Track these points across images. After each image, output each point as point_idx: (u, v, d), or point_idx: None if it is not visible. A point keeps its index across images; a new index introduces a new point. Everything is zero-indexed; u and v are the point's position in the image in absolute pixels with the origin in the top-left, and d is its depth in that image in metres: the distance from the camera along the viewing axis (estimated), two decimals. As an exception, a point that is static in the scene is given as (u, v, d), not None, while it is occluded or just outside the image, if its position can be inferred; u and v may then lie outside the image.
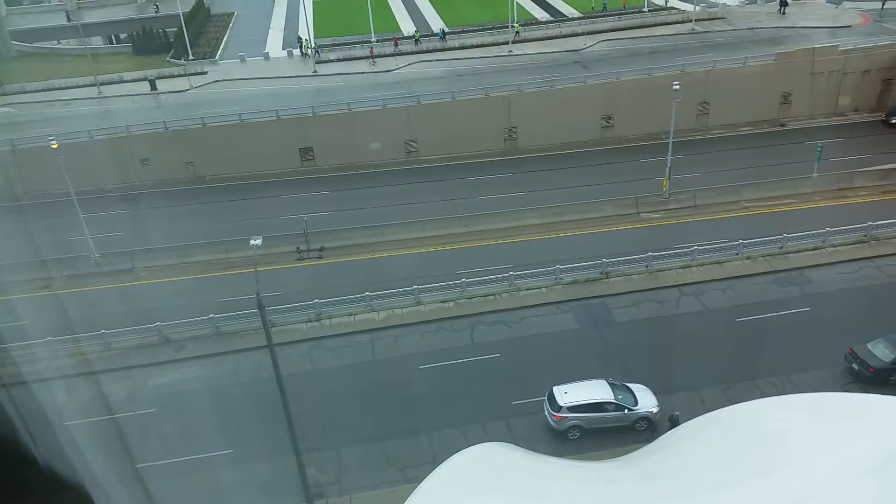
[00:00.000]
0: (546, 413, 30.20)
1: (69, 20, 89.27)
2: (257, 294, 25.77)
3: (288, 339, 35.60)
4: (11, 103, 64.88)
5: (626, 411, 29.78)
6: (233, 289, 38.99)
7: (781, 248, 41.15)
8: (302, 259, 44.09)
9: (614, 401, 29.81)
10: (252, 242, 27.14)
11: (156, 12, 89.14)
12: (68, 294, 41.12)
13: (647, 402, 30.27)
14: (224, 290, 39.75)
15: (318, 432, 30.11)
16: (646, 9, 77.90)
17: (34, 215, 48.40)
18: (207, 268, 42.97)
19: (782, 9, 74.01)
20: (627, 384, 30.95)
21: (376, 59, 68.45)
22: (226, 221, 48.21)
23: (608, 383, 30.61)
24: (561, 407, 29.56)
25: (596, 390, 30.22)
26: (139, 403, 32.31)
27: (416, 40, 71.09)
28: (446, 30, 72.95)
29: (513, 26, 70.81)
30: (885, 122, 57.12)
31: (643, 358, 33.77)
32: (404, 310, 38.22)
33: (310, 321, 37.63)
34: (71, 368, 34.66)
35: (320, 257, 44.23)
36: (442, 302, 38.65)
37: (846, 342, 32.90)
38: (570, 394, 29.92)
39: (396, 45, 70.94)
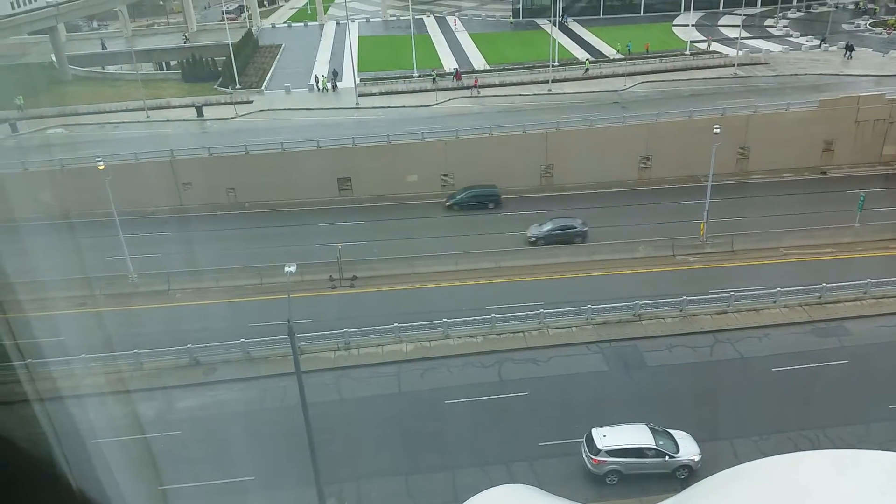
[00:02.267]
0: (584, 456, 29.57)
1: (104, 48, 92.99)
2: (289, 321, 26.05)
3: (316, 367, 35.74)
4: (64, 124, 67.20)
5: (666, 458, 29.00)
6: (265, 314, 39.39)
7: (820, 297, 40.19)
8: (334, 287, 44.43)
9: (655, 447, 29.07)
10: (287, 269, 27.53)
11: (185, 43, 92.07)
12: (105, 312, 41.96)
13: (688, 449, 29.46)
14: (256, 315, 40.19)
15: (341, 463, 29.98)
16: (688, 52, 77.94)
17: (78, 233, 49.70)
18: (242, 292, 43.54)
19: (849, 53, 73.49)
20: (669, 430, 30.26)
21: (480, 90, 69.63)
22: (262, 247, 48.89)
23: (649, 428, 29.91)
24: (600, 450, 28.92)
25: (636, 435, 29.51)
26: (166, 425, 32.59)
27: (434, 79, 72.15)
28: (458, 68, 73.86)
29: (585, 63, 73.81)
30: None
31: (674, 404, 33.05)
32: (432, 343, 38.13)
33: (338, 350, 37.75)
34: (103, 386, 35.17)
35: (352, 286, 44.53)
36: (471, 336, 38.48)
37: (886, 399, 31.83)
38: (610, 437, 29.24)
39: (459, 77, 72.31)
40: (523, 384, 34.93)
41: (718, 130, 45.35)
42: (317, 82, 73.23)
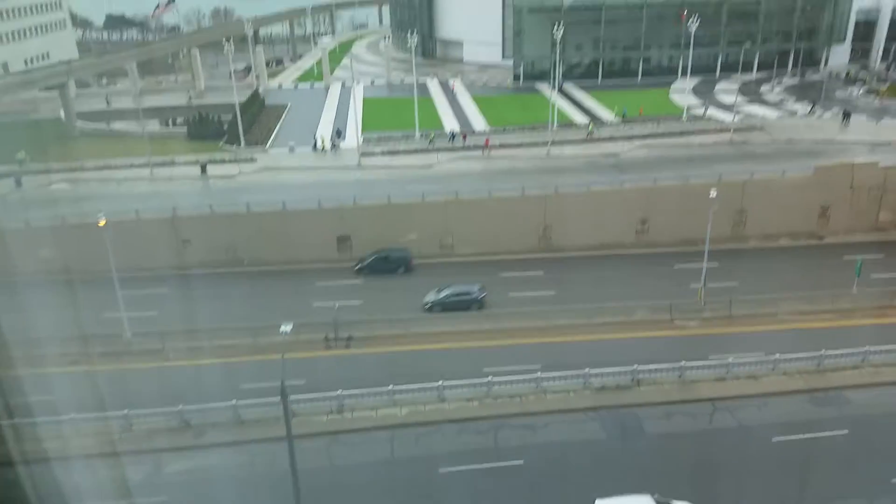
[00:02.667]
0: None
1: (108, 104, 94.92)
2: (282, 382, 25.82)
3: (307, 431, 35.11)
4: (69, 179, 68.00)
5: None
6: (259, 375, 38.99)
7: (819, 365, 39.82)
8: (329, 348, 44.13)
9: None
10: (282, 329, 27.43)
11: (189, 102, 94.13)
12: (97, 371, 41.58)
13: None
14: (250, 376, 39.77)
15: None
16: (684, 117, 79.35)
17: (76, 290, 49.65)
18: (236, 352, 43.22)
19: (846, 120, 74.93)
20: (674, 501, 29.56)
21: (491, 150, 71.05)
22: (260, 306, 48.80)
23: (655, 500, 29.30)
24: None
25: None
26: (153, 489, 31.88)
27: (431, 140, 73.30)
28: (456, 132, 75.12)
29: (588, 125, 75.66)
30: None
31: (673, 475, 32.36)
32: (427, 407, 37.61)
33: (331, 413, 37.22)
34: (91, 447, 34.54)
35: (348, 346, 44.24)
36: (467, 400, 37.98)
37: (888, 471, 31.21)
38: None
39: (465, 138, 73.88)
40: (519, 451, 34.29)
41: (715, 195, 45.78)
42: (314, 144, 74.47)
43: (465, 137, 73.75)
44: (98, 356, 42.84)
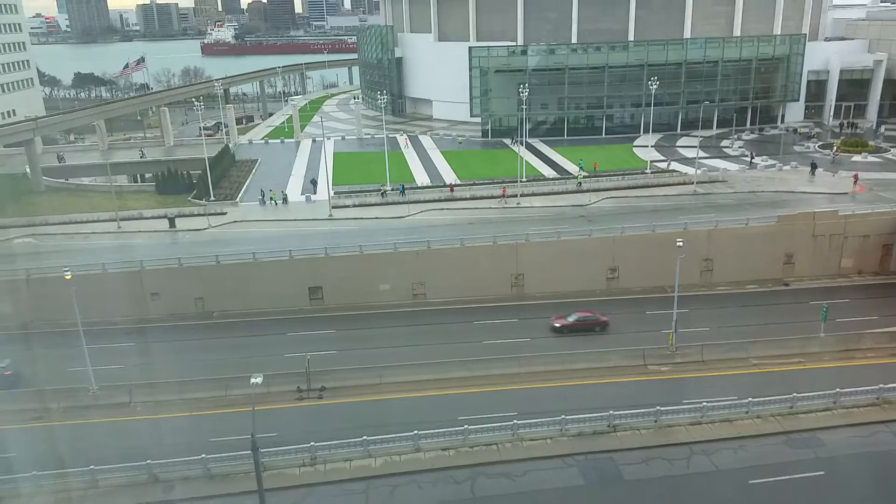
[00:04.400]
0: None
1: (60, 161, 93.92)
2: (252, 435, 25.19)
3: (279, 485, 34.16)
4: (34, 234, 66.83)
5: None
6: (229, 427, 38.02)
7: (791, 407, 40.17)
8: (302, 399, 43.29)
9: None
10: (252, 381, 26.90)
11: (141, 157, 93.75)
12: (62, 426, 40.09)
13: None
14: (220, 429, 38.73)
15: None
16: (648, 170, 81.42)
17: (39, 344, 48.35)
18: (206, 405, 42.14)
19: (813, 171, 78.51)
20: None
21: (507, 199, 71.96)
22: (229, 357, 47.91)
23: None
24: None
25: None
26: (118, 547, 30.53)
27: (383, 193, 74.11)
28: (406, 186, 76.04)
29: (577, 176, 77.67)
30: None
31: (652, 520, 32.02)
32: (402, 457, 36.88)
33: (304, 465, 36.23)
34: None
35: (320, 397, 43.44)
36: (442, 450, 37.35)
37: (866, 512, 31.25)
38: None
39: (452, 190, 74.86)
40: (497, 501, 33.67)
41: (681, 244, 46.71)
42: (263, 196, 74.36)
43: (452, 189, 74.75)
44: (63, 410, 41.40)
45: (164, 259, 56.46)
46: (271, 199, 73.85)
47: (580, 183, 76.11)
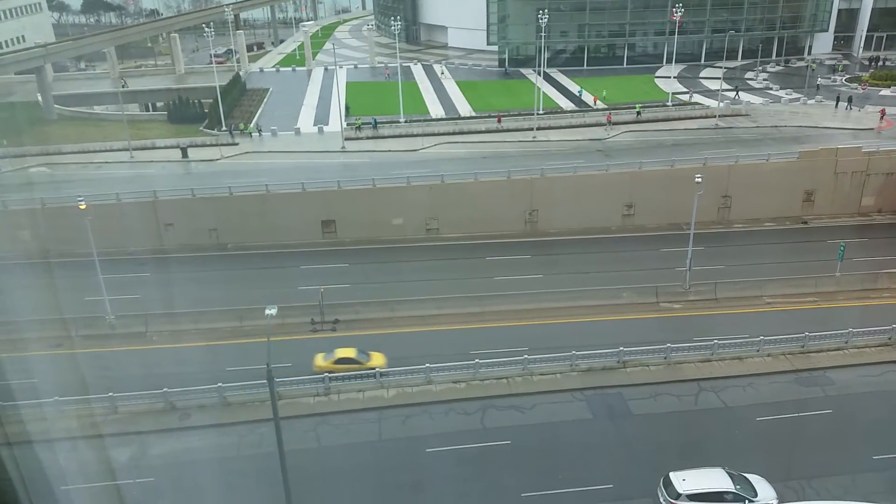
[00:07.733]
0: (661, 500, 29.36)
1: (123, 87, 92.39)
2: (267, 365, 25.53)
3: (294, 413, 34.92)
4: (48, 164, 66.80)
5: (746, 502, 28.78)
6: (244, 358, 38.63)
7: (803, 346, 40.17)
8: (315, 331, 43.84)
9: (734, 490, 28.94)
10: (267, 312, 27.02)
11: (123, 86, 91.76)
12: (80, 354, 40.97)
13: (766, 493, 29.29)
14: (235, 359, 39.38)
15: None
16: (669, 103, 79.46)
17: (56, 273, 48.86)
18: (221, 335, 42.77)
19: (848, 105, 75.95)
20: (744, 474, 29.96)
21: (612, 125, 70.91)
22: (244, 289, 48.28)
23: (726, 472, 29.77)
24: (680, 494, 28.81)
25: (715, 478, 29.40)
26: (138, 471, 31.51)
27: (358, 127, 72.48)
28: (378, 119, 74.33)
29: (637, 107, 75.56)
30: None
31: (659, 454, 32.53)
32: (414, 389, 37.50)
33: (318, 395, 36.98)
34: (75, 430, 34.08)
35: (334, 329, 43.95)
36: (454, 382, 37.90)
37: (870, 449, 31.60)
38: (689, 481, 29.18)
39: (500, 121, 73.12)
40: (506, 432, 34.29)
41: (700, 180, 45.85)
42: (231, 128, 72.66)
43: (500, 120, 73.10)
44: (81, 339, 42.22)
45: (177, 190, 56.39)
46: (241, 129, 72.45)
47: (639, 113, 74.52)
